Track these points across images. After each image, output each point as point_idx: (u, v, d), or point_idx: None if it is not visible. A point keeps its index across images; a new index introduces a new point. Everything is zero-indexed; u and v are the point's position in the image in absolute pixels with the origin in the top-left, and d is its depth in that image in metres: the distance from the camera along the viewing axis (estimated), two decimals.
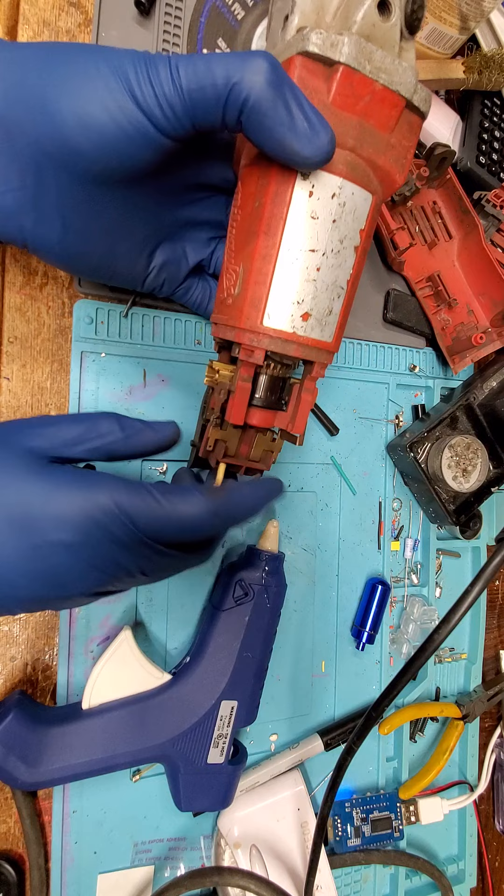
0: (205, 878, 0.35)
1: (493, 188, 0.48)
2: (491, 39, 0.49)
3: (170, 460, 0.39)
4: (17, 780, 0.31)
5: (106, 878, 0.37)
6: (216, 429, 0.30)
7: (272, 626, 0.39)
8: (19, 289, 0.36)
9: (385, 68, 0.26)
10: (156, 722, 0.34)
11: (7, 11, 0.35)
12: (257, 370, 0.29)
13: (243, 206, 0.28)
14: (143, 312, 0.38)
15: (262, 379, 0.30)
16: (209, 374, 0.30)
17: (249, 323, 0.27)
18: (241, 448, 0.31)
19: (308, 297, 0.27)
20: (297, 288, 0.27)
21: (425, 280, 0.48)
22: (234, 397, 0.29)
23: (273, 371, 0.29)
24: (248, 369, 0.28)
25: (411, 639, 0.47)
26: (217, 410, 0.30)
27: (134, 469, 0.38)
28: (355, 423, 0.46)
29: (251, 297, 0.27)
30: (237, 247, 0.28)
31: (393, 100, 0.27)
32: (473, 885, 0.50)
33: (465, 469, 0.44)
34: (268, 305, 0.27)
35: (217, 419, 0.30)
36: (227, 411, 0.29)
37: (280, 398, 0.30)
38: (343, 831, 0.44)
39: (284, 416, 0.31)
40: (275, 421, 0.31)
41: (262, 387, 0.30)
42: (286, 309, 0.27)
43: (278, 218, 0.26)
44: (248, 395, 0.29)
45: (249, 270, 0.27)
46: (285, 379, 0.30)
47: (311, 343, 0.28)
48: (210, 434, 0.30)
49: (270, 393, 0.30)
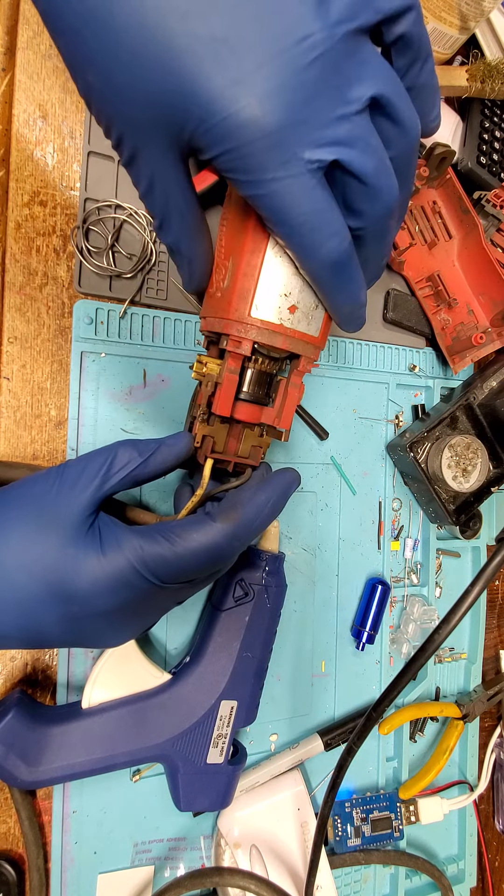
0: (205, 879, 0.35)
1: (493, 188, 0.48)
2: (491, 39, 0.49)
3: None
4: (17, 778, 0.31)
5: (106, 879, 0.37)
6: (203, 424, 0.30)
7: (272, 626, 0.39)
8: (19, 289, 0.36)
9: None
10: (155, 722, 0.34)
11: (7, 11, 0.35)
12: (245, 364, 0.29)
13: (235, 203, 0.28)
14: (143, 312, 0.38)
15: (249, 373, 0.30)
16: (197, 368, 0.31)
17: (237, 314, 0.27)
18: (229, 444, 0.31)
19: (295, 290, 0.28)
20: (284, 281, 0.27)
21: (425, 280, 0.48)
22: (221, 389, 0.29)
23: (260, 365, 0.29)
24: (235, 361, 0.29)
25: (411, 639, 0.47)
26: (204, 405, 0.30)
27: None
28: (355, 423, 0.46)
29: (239, 289, 0.27)
30: (227, 242, 0.29)
31: None
32: (473, 885, 0.50)
33: (465, 469, 0.44)
34: (256, 297, 0.27)
35: (204, 414, 0.30)
36: (214, 403, 0.29)
37: (267, 394, 0.31)
38: (343, 831, 0.44)
39: (271, 411, 0.31)
40: (262, 416, 0.31)
41: (250, 381, 0.30)
42: (274, 301, 0.27)
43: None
44: (236, 387, 0.29)
45: (238, 264, 0.27)
46: (272, 374, 0.31)
47: (297, 336, 0.29)
48: (197, 430, 0.30)
49: (258, 387, 0.30)
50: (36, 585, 0.24)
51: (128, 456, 0.27)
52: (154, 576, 0.25)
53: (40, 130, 0.36)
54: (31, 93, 0.35)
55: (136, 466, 0.27)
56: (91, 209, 0.37)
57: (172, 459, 0.28)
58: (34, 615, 0.24)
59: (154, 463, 0.28)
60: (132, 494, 0.38)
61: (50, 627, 0.25)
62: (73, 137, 0.37)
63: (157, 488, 0.39)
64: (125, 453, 0.27)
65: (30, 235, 0.36)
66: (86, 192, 0.37)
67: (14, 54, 0.35)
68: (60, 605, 0.24)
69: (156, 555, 0.25)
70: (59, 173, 0.36)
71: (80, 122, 0.37)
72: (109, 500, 0.30)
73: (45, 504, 0.25)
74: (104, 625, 0.26)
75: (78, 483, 0.26)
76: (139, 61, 0.18)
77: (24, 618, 0.24)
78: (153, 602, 0.27)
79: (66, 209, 0.37)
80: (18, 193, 0.35)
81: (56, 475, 0.27)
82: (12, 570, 0.24)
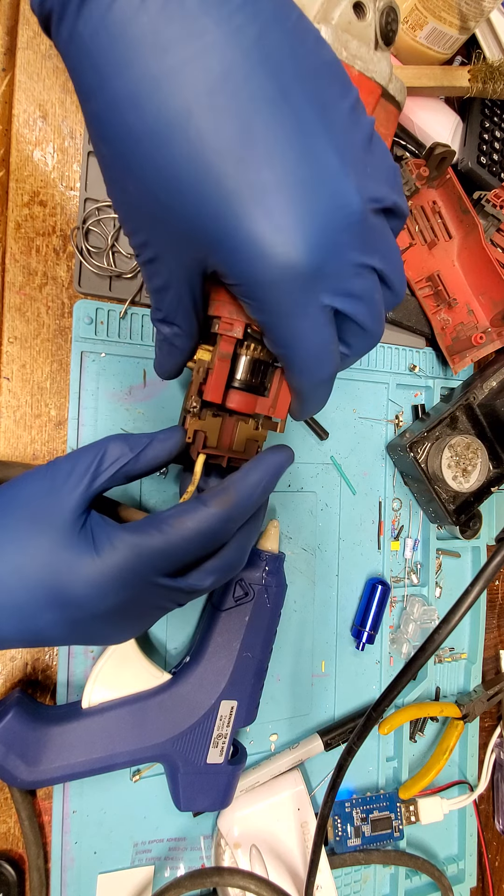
0: (205, 879, 0.35)
1: (493, 188, 0.48)
2: (491, 39, 0.49)
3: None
4: (17, 778, 0.31)
5: (106, 879, 0.37)
6: (195, 419, 0.29)
7: (272, 626, 0.39)
8: (19, 289, 0.36)
9: (361, 56, 0.27)
10: (155, 721, 0.34)
11: (7, 11, 0.35)
12: (238, 349, 0.28)
13: None
14: (143, 312, 0.38)
15: (242, 360, 0.29)
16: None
17: (229, 295, 0.27)
18: (222, 438, 0.30)
19: None
20: None
21: (425, 280, 0.48)
22: (213, 374, 0.28)
23: (254, 352, 0.28)
24: (227, 344, 0.27)
25: (411, 639, 0.47)
26: (196, 395, 0.28)
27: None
28: (355, 423, 0.46)
29: None
30: None
31: (369, 86, 0.28)
32: (473, 885, 0.50)
33: (464, 469, 0.44)
34: None
35: (195, 407, 0.29)
36: (205, 390, 0.28)
37: (262, 383, 0.29)
38: (343, 831, 0.44)
39: (266, 401, 0.30)
40: (256, 407, 0.30)
41: (243, 368, 0.29)
42: None
43: None
44: (227, 372, 0.28)
45: None
46: (267, 363, 0.29)
47: None
48: (189, 425, 0.29)
49: (251, 375, 0.29)
50: (32, 590, 0.24)
51: (118, 451, 0.27)
52: (152, 569, 0.25)
53: (40, 130, 0.36)
54: (31, 93, 0.35)
55: (127, 462, 0.27)
56: (91, 209, 0.37)
57: (165, 455, 0.28)
58: (33, 619, 0.24)
59: (146, 458, 0.28)
60: (132, 496, 0.38)
61: (49, 630, 0.25)
62: (73, 137, 0.37)
63: (158, 489, 0.39)
64: (116, 448, 0.27)
65: (30, 235, 0.36)
66: (86, 192, 0.37)
67: (14, 54, 0.35)
68: (58, 609, 0.24)
69: (151, 548, 0.25)
70: (59, 173, 0.36)
71: (80, 122, 0.37)
72: (102, 500, 0.30)
73: (35, 506, 0.25)
74: (104, 624, 0.26)
75: (68, 481, 0.26)
76: (187, 189, 0.19)
77: (22, 622, 0.24)
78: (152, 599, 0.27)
79: (66, 209, 0.37)
80: (18, 193, 0.35)
81: (45, 474, 0.26)
82: (6, 576, 0.24)
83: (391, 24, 0.29)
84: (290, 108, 0.19)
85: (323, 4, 0.28)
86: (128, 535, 0.25)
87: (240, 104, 0.18)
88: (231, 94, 0.18)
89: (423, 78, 0.46)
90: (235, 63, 0.18)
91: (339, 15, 0.27)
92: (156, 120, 0.18)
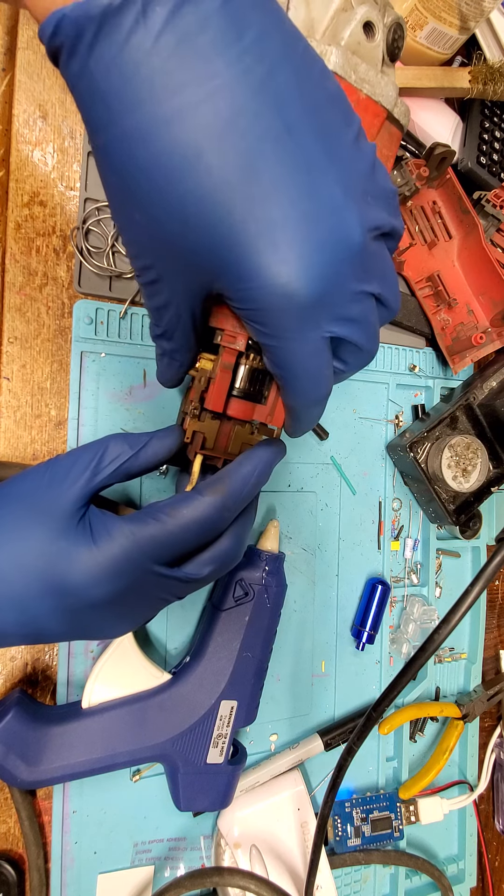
0: (205, 879, 0.35)
1: (493, 188, 0.48)
2: (491, 40, 0.49)
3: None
4: (17, 778, 0.31)
5: (106, 879, 0.37)
6: (195, 420, 0.30)
7: (272, 626, 0.39)
8: (19, 289, 0.36)
9: (369, 80, 0.28)
10: (155, 721, 0.34)
11: (7, 11, 0.35)
12: (239, 360, 0.29)
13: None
14: (142, 312, 0.38)
15: (242, 369, 0.30)
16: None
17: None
18: (219, 441, 0.31)
19: None
20: None
21: (425, 280, 0.48)
22: (215, 384, 0.29)
23: (254, 362, 0.29)
24: (230, 356, 0.28)
25: (411, 639, 0.47)
26: (196, 401, 0.30)
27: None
28: (355, 423, 0.46)
29: None
30: None
31: (375, 109, 0.29)
32: (473, 885, 0.50)
33: (464, 469, 0.44)
34: None
35: (196, 410, 0.30)
36: (207, 398, 0.29)
37: (260, 391, 0.30)
38: (343, 831, 0.44)
39: (264, 409, 0.31)
40: (254, 414, 0.31)
41: (243, 377, 0.30)
42: None
43: None
44: (229, 383, 0.29)
45: None
46: (265, 372, 0.30)
47: None
48: (188, 426, 0.30)
49: (250, 384, 0.30)
50: (30, 581, 0.24)
51: (119, 449, 0.28)
52: (149, 558, 0.25)
53: (40, 130, 0.36)
54: (31, 93, 0.35)
55: (127, 459, 0.28)
56: (91, 209, 0.37)
57: (163, 453, 0.29)
58: (31, 610, 0.25)
59: (145, 456, 0.28)
60: (133, 495, 0.38)
61: (48, 622, 0.25)
62: (73, 137, 0.37)
63: (158, 489, 0.39)
64: (116, 446, 0.28)
65: (30, 236, 0.36)
66: (86, 192, 0.37)
67: (14, 54, 0.35)
68: (56, 599, 0.25)
69: (148, 536, 0.25)
70: (59, 173, 0.37)
71: (80, 122, 0.37)
72: (101, 500, 0.30)
73: (34, 499, 0.26)
74: (103, 615, 0.26)
75: (68, 476, 0.26)
76: (194, 222, 0.20)
77: (21, 614, 0.25)
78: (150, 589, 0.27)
79: (65, 209, 0.37)
80: (18, 193, 0.35)
81: (46, 469, 0.27)
82: (5, 567, 0.24)
83: (398, 42, 0.30)
84: (296, 144, 0.20)
85: (333, 21, 0.28)
86: (125, 524, 0.25)
87: (248, 143, 0.19)
88: (240, 134, 0.19)
89: (423, 79, 0.46)
90: (245, 105, 0.19)
91: (349, 35, 0.28)
92: (166, 156, 0.19)
